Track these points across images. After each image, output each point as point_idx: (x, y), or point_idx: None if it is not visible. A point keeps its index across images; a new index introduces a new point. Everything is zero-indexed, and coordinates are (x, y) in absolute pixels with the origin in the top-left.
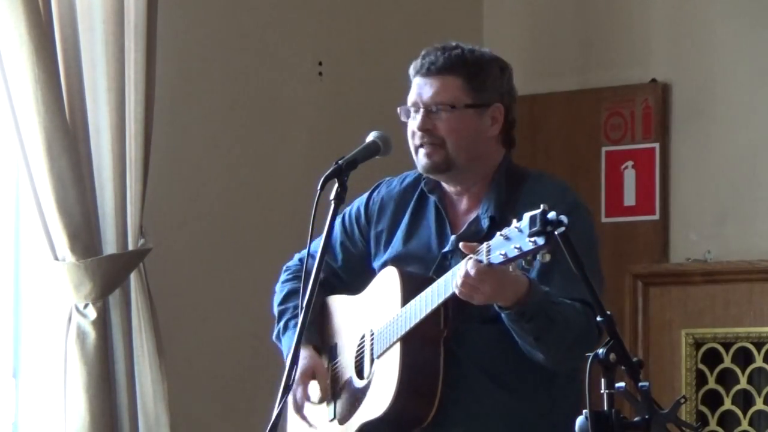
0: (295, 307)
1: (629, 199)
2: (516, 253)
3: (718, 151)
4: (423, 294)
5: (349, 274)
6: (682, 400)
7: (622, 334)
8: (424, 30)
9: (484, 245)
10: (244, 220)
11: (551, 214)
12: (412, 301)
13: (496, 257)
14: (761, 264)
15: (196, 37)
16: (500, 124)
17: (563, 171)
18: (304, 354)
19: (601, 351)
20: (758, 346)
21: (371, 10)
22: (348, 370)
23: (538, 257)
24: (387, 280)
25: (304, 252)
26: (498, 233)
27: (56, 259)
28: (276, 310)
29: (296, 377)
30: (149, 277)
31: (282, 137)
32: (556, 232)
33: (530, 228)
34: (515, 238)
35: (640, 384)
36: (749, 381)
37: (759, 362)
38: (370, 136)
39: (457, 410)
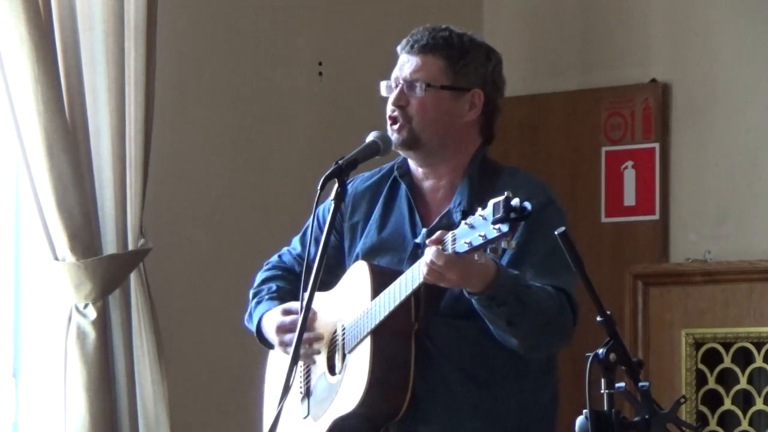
0: (269, 289)
1: (629, 199)
2: (480, 241)
3: (718, 151)
4: (391, 286)
5: (324, 269)
6: (682, 400)
7: (622, 334)
8: None
9: (449, 234)
10: (244, 220)
11: (514, 201)
12: (381, 294)
13: (461, 246)
14: (761, 264)
15: (196, 37)
16: (478, 110)
17: (563, 171)
18: (272, 312)
19: (601, 351)
20: (758, 346)
21: (371, 10)
22: (321, 366)
23: (503, 244)
24: (357, 275)
25: (283, 249)
26: (462, 222)
27: (56, 259)
28: (250, 295)
29: (278, 320)
30: (149, 277)
31: (282, 137)
32: (556, 233)
33: (494, 215)
34: (480, 226)
35: (640, 384)
36: (749, 381)
37: (759, 362)
38: (370, 136)
39: (430, 405)
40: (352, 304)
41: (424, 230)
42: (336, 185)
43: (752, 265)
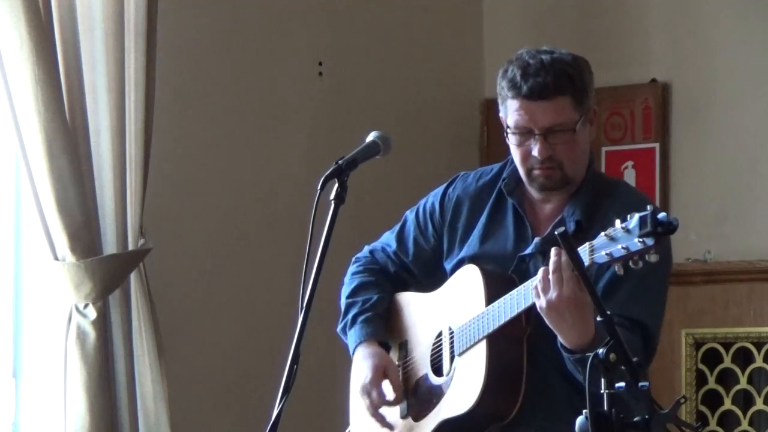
0: (364, 302)
1: None
2: (623, 253)
3: (718, 150)
4: (512, 292)
5: (421, 269)
6: (682, 400)
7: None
8: (424, 30)
9: (587, 244)
10: (244, 220)
11: (661, 215)
12: (501, 300)
13: (601, 257)
14: (761, 264)
15: (196, 37)
16: (596, 124)
17: None
18: (372, 351)
19: (601, 351)
20: (758, 346)
21: (371, 10)
22: (423, 367)
23: (647, 257)
24: (467, 278)
25: (375, 244)
26: (602, 233)
27: (56, 259)
28: (344, 302)
29: (369, 377)
30: (149, 277)
31: (282, 137)
32: (556, 233)
33: (641, 229)
34: (621, 239)
35: (640, 384)
36: (749, 381)
37: (759, 362)
38: (370, 136)
39: (533, 409)
40: (461, 306)
41: (537, 239)
42: (336, 185)
43: (752, 265)
